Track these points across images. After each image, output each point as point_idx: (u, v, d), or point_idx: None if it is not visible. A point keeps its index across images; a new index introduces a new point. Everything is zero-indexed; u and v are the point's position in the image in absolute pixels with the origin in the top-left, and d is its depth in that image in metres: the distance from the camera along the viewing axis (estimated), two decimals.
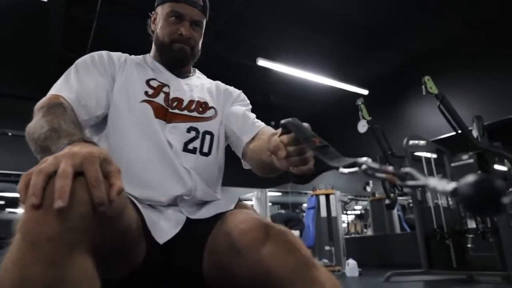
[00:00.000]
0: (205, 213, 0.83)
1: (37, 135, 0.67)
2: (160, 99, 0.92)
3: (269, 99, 6.42)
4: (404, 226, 7.57)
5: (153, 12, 1.04)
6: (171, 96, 0.94)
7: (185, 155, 0.88)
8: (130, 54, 1.03)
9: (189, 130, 0.91)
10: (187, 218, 0.81)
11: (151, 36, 1.05)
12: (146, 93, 0.92)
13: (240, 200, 0.89)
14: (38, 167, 0.48)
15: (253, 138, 0.95)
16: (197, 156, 0.90)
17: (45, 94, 0.83)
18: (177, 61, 1.00)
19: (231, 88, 1.11)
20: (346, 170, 0.53)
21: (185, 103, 0.94)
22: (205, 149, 0.93)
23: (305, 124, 0.63)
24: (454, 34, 4.93)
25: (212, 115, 0.98)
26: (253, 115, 1.03)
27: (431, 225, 4.34)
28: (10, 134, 5.17)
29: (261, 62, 5.07)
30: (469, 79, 5.05)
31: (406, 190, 4.50)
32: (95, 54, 0.96)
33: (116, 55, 0.99)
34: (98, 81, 0.89)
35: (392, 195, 4.11)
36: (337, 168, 0.55)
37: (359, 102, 4.70)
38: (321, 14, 4.55)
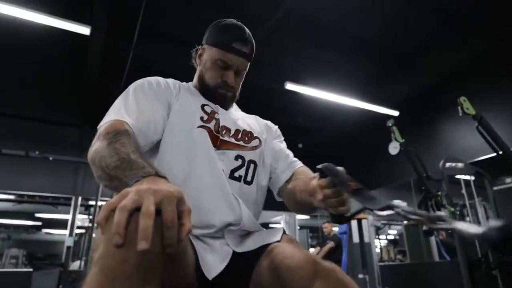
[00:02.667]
0: (250, 245, 0.82)
1: (104, 163, 0.66)
2: (212, 125, 0.94)
3: (297, 122, 6.41)
4: (443, 254, 7.12)
5: (200, 47, 1.05)
6: (221, 124, 0.96)
7: (231, 182, 0.90)
8: None
9: (236, 158, 0.94)
10: (233, 252, 0.81)
11: (192, 67, 1.08)
12: (201, 118, 0.94)
13: (284, 232, 0.86)
14: (121, 202, 0.48)
15: (290, 178, 1.00)
16: (241, 184, 0.93)
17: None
18: (217, 102, 1.03)
19: (270, 123, 1.16)
20: (382, 213, 0.58)
21: (232, 132, 0.98)
22: (249, 178, 0.95)
23: (340, 168, 0.69)
24: (485, 52, 4.77)
25: (257, 145, 1.01)
26: (291, 153, 1.08)
27: (475, 253, 4.04)
28: (51, 158, 5.45)
29: (289, 86, 5.11)
30: (508, 98, 4.81)
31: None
32: (152, 79, 0.97)
33: (170, 81, 1.01)
34: (155, 107, 0.89)
35: None
36: (372, 210, 0.59)
37: (389, 123, 4.57)
38: (348, 37, 4.57)
